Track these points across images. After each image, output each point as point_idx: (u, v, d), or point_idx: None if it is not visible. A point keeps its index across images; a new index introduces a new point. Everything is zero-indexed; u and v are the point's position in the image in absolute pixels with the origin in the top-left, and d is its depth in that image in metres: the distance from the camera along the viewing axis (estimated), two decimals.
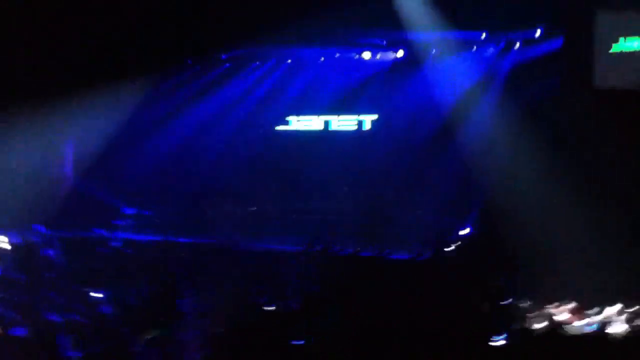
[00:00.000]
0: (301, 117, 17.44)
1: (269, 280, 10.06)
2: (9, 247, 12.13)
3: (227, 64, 17.40)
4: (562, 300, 9.10)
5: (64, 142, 17.09)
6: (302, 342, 7.27)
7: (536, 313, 8.83)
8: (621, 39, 12.74)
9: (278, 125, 17.53)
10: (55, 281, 10.30)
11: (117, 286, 9.77)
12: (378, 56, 16.04)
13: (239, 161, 17.16)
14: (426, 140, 15.49)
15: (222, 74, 17.57)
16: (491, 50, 15.25)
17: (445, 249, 13.37)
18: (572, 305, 8.83)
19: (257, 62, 17.41)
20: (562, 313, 8.65)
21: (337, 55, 16.43)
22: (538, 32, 14.15)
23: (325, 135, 17.26)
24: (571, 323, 8.41)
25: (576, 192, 11.87)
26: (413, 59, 15.44)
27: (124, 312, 8.44)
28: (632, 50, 12.71)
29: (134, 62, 16.27)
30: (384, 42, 15.35)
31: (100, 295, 9.19)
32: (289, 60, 17.10)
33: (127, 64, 16.25)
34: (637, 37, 12.66)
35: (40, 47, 14.47)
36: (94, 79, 16.44)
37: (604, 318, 8.29)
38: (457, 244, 13.71)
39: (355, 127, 16.99)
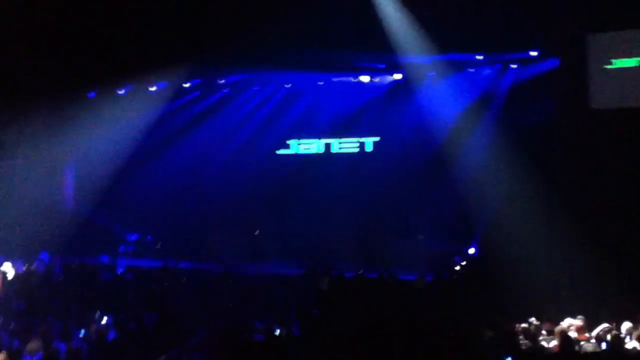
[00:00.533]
0: (302, 140, 17.63)
1: (269, 305, 10.08)
2: (12, 274, 12.24)
3: (227, 89, 17.59)
4: (566, 317, 9.15)
5: (64, 168, 17.29)
6: None
7: (544, 331, 8.87)
8: (615, 61, 12.97)
9: (279, 149, 17.69)
10: (58, 307, 10.38)
11: (119, 312, 9.85)
12: (376, 79, 16.23)
13: (240, 185, 17.25)
14: (426, 161, 15.58)
15: (221, 99, 17.77)
16: (488, 71, 15.39)
17: (449, 271, 13.49)
18: (580, 321, 8.85)
19: (256, 87, 17.60)
20: (570, 330, 8.67)
21: (336, 79, 16.60)
22: (534, 53, 14.29)
23: (327, 157, 17.38)
24: (580, 341, 8.44)
25: (575, 211, 11.97)
26: (411, 82, 15.61)
27: (126, 337, 8.51)
28: (628, 66, 12.91)
29: (132, 86, 16.62)
30: (383, 66, 15.52)
31: (104, 321, 9.27)
32: (289, 85, 17.29)
33: (124, 88, 16.60)
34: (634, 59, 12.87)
35: (38, 73, 14.72)
36: (94, 105, 16.80)
37: (613, 335, 8.31)
38: (462, 265, 13.83)
39: (357, 150, 17.11)
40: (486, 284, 11.33)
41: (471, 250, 13.96)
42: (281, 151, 17.66)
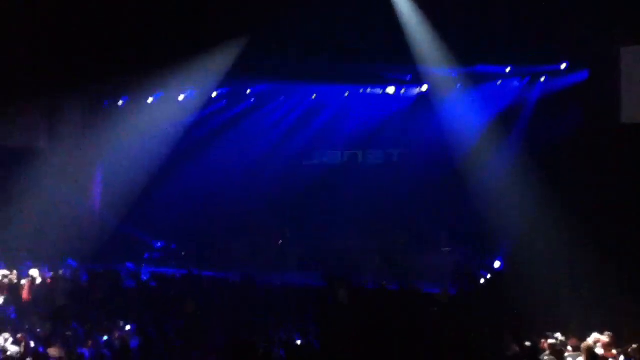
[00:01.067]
0: (327, 151, 17.66)
1: (290, 316, 10.14)
2: (40, 280, 12.52)
3: (252, 99, 17.79)
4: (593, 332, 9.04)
5: (92, 175, 17.63)
6: None
7: (570, 347, 8.77)
8: None
9: (304, 159, 17.81)
10: (82, 314, 10.58)
11: (142, 318, 10.00)
12: (402, 91, 16.26)
13: (264, 195, 17.40)
14: (452, 174, 15.52)
15: (247, 109, 17.97)
16: (516, 83, 15.30)
17: (474, 284, 13.40)
18: (607, 338, 8.74)
19: (282, 98, 17.75)
20: (597, 347, 8.57)
21: (362, 90, 16.69)
22: (563, 66, 14.18)
23: (352, 168, 17.38)
24: (607, 358, 8.34)
25: (600, 227, 11.81)
26: (437, 93, 15.61)
27: (148, 344, 8.64)
28: None
29: (161, 94, 16.93)
30: (409, 77, 15.55)
31: (128, 328, 9.43)
32: (314, 96, 17.42)
33: (153, 96, 16.93)
34: None
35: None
36: (124, 113, 17.16)
37: None
38: (486, 278, 13.73)
39: (382, 161, 17.07)
40: (511, 298, 11.22)
41: (497, 264, 13.84)
42: (307, 161, 17.79)
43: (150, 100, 17.18)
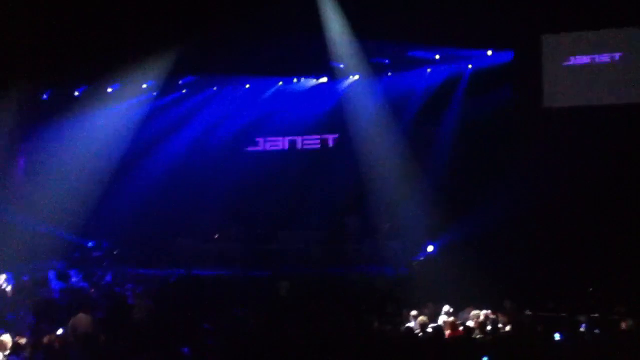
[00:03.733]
0: (269, 138, 18.08)
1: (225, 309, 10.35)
2: None
3: (185, 89, 17.72)
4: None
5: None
6: None
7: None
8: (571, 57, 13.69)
9: (243, 148, 18.05)
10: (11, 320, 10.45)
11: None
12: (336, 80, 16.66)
13: (203, 188, 17.47)
14: (387, 158, 15.97)
15: (179, 98, 17.91)
16: (445, 69, 15.88)
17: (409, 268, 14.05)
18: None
19: (214, 88, 17.79)
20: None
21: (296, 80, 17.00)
22: (489, 52, 14.86)
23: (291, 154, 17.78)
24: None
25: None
26: (370, 81, 16.10)
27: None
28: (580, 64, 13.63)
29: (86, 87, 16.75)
30: (341, 66, 15.91)
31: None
32: (247, 85, 17.55)
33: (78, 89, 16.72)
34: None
35: None
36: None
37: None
38: (419, 261, 14.41)
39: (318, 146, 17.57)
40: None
41: (430, 248, 14.53)
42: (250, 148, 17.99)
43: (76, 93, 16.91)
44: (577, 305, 10.12)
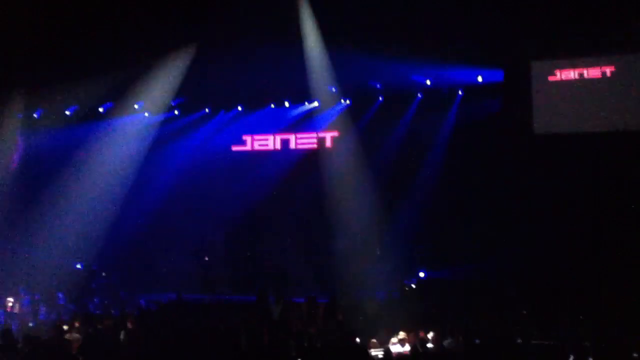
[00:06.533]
0: (257, 136, 17.59)
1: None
2: None
3: (177, 110, 17.91)
4: None
5: None
6: None
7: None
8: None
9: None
10: None
11: None
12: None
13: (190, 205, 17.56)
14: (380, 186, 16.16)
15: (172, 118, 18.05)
16: (438, 95, 16.20)
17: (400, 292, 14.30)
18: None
19: (206, 110, 18.01)
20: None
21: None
22: (480, 78, 15.24)
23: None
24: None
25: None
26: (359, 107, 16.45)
27: None
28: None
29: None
30: (334, 90, 16.27)
31: None
32: (239, 108, 17.76)
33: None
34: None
35: None
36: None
37: None
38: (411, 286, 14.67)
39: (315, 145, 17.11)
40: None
41: (421, 274, 14.84)
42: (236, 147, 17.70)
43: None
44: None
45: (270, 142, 17.43)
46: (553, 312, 11.65)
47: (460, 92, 15.90)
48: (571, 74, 13.99)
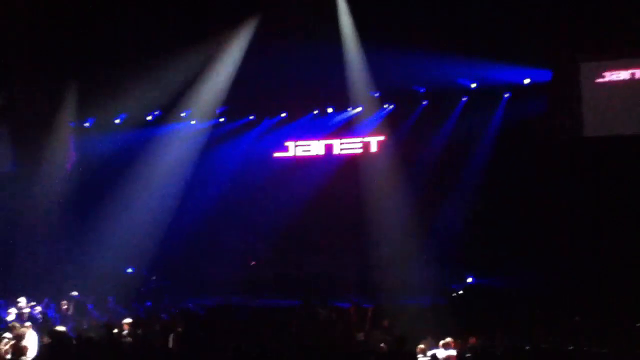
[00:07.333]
0: (300, 142, 17.55)
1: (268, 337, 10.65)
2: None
3: (223, 117, 18.19)
4: None
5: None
6: None
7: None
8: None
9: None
10: None
11: None
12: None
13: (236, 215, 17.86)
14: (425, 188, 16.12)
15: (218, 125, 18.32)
16: (484, 98, 16.06)
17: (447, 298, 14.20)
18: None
19: (252, 116, 18.22)
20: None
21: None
22: (527, 81, 15.07)
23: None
24: None
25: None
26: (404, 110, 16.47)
27: None
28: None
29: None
30: (378, 95, 16.34)
31: None
32: (283, 115, 17.94)
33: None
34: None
35: None
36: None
37: None
38: (459, 293, 14.54)
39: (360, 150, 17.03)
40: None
41: (469, 280, 14.69)
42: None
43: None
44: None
45: (314, 147, 17.45)
46: (605, 320, 11.41)
47: (506, 95, 15.78)
48: (621, 75, 13.77)
